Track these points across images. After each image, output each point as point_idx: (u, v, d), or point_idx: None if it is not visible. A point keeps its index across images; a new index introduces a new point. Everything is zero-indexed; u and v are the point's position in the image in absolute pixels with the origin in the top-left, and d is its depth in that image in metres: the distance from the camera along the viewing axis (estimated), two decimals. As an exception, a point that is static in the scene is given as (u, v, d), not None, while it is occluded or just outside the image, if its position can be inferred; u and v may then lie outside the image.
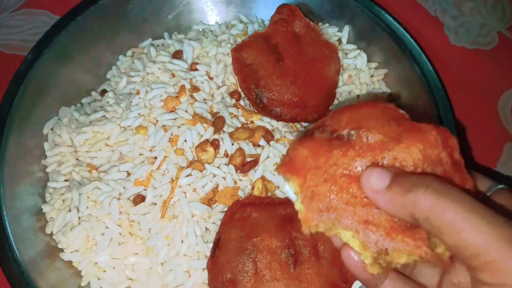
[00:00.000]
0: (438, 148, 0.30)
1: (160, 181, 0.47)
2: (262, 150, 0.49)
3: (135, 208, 0.47)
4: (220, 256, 0.43)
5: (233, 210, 0.45)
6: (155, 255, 0.45)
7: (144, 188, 0.47)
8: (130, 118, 0.50)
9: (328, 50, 0.53)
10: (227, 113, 0.50)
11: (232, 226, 0.44)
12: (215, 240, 0.44)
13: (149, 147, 0.49)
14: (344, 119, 0.33)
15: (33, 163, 0.52)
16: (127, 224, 0.46)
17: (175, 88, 0.52)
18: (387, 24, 0.54)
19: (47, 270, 0.46)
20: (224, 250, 0.43)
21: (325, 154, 0.32)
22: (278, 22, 0.54)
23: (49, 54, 0.53)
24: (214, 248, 0.44)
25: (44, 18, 0.63)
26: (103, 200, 0.46)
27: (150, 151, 0.49)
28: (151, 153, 0.49)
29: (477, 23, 0.64)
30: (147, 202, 0.47)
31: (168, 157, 0.48)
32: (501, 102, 0.58)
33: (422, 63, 0.52)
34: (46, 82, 0.54)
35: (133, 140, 0.50)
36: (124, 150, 0.50)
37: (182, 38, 0.59)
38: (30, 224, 0.48)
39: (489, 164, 0.54)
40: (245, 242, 0.42)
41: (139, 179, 0.47)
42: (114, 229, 0.46)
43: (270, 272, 0.41)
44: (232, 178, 0.47)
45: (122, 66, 0.58)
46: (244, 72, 0.52)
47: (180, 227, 0.45)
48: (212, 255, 0.44)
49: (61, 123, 0.53)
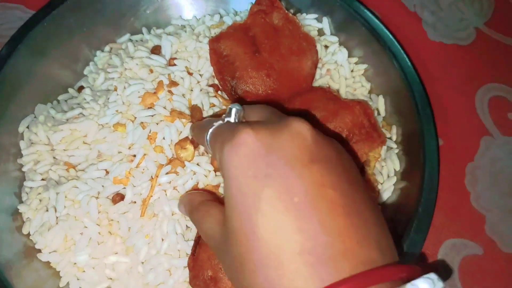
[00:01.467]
0: (360, 116, 0.46)
1: (139, 179, 0.46)
2: None
3: (114, 207, 0.46)
4: (201, 253, 0.43)
5: None
6: (135, 254, 0.45)
7: (123, 186, 0.47)
8: (107, 115, 0.49)
9: (306, 43, 0.53)
10: (206, 102, 0.50)
11: None
12: (195, 238, 0.44)
13: (127, 144, 0.48)
14: (297, 103, 0.48)
15: (8, 162, 0.50)
16: (107, 223, 0.46)
17: (153, 84, 0.51)
18: (366, 20, 0.54)
19: (25, 271, 0.45)
20: (205, 248, 0.43)
21: None
22: (257, 13, 0.54)
23: (24, 49, 0.52)
24: (194, 246, 0.44)
25: (18, 12, 0.61)
26: (81, 199, 0.45)
27: (129, 148, 0.48)
28: (130, 150, 0.48)
29: (455, 18, 0.64)
30: (126, 200, 0.46)
31: (147, 154, 0.47)
32: (478, 96, 0.59)
33: (400, 59, 0.52)
34: (21, 79, 0.52)
35: (111, 137, 0.49)
36: (102, 148, 0.49)
37: (160, 33, 0.58)
38: (7, 225, 0.47)
39: (467, 157, 0.55)
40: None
41: (118, 178, 0.47)
42: (93, 228, 0.45)
43: None
44: (214, 175, 0.47)
45: (99, 62, 0.57)
46: (220, 63, 0.52)
47: (160, 226, 0.45)
48: (193, 253, 0.43)
49: (37, 121, 0.52)
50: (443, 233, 0.51)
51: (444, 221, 0.51)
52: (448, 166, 0.53)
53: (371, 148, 0.48)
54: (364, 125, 0.47)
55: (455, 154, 0.55)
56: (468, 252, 0.50)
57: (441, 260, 0.49)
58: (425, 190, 0.46)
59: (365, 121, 0.47)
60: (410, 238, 0.44)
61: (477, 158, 0.55)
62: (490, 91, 0.59)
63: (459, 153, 0.55)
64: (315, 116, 0.47)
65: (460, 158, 0.55)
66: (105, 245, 0.45)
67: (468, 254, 0.50)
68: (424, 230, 0.45)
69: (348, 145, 0.47)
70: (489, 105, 0.58)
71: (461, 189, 0.53)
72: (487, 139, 0.56)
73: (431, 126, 0.49)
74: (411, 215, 0.45)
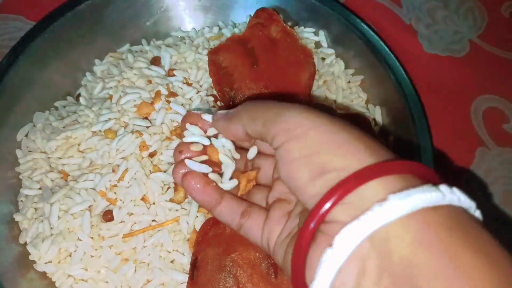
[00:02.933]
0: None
1: (125, 197, 0.46)
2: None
3: (105, 225, 0.45)
4: (200, 276, 0.42)
5: (206, 228, 0.44)
6: (123, 275, 0.44)
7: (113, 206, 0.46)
8: (100, 122, 0.49)
9: (303, 55, 0.54)
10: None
11: (208, 245, 0.43)
12: (191, 262, 0.43)
13: (114, 152, 0.48)
14: None
15: (7, 170, 0.50)
16: (98, 238, 0.45)
17: (151, 94, 0.51)
18: (363, 33, 0.55)
19: (21, 281, 0.45)
20: (203, 270, 0.42)
21: None
22: (255, 26, 0.55)
23: (25, 60, 0.52)
24: (191, 270, 0.43)
25: (18, 23, 0.62)
26: (75, 212, 0.45)
27: (116, 154, 0.48)
28: (116, 159, 0.48)
29: (450, 31, 0.66)
30: (116, 220, 0.45)
31: (133, 168, 0.47)
32: (473, 108, 0.60)
33: (396, 71, 0.53)
34: (21, 88, 0.53)
35: (101, 145, 0.48)
36: (93, 156, 0.48)
37: (160, 44, 0.59)
38: (3, 234, 0.47)
39: (463, 168, 0.56)
40: (223, 259, 0.41)
41: (104, 191, 0.46)
42: (86, 242, 0.45)
43: (253, 285, 0.41)
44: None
45: (98, 71, 0.58)
46: (219, 75, 0.52)
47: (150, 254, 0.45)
48: (191, 277, 0.42)
49: (35, 129, 0.52)
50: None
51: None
52: (444, 176, 0.54)
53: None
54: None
55: (451, 165, 0.55)
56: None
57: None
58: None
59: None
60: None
61: (473, 169, 0.56)
62: (484, 102, 0.60)
63: (455, 164, 0.56)
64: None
65: (456, 168, 0.55)
66: (99, 258, 0.45)
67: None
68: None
69: None
70: (483, 116, 0.59)
71: (457, 199, 0.54)
72: (482, 150, 0.57)
73: (426, 136, 0.50)
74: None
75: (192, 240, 0.45)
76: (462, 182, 0.55)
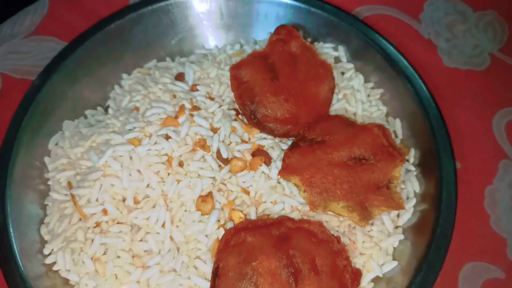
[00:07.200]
0: (380, 137, 0.51)
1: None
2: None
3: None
4: (221, 285, 0.42)
5: (228, 237, 0.45)
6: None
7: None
8: (125, 131, 0.51)
9: (323, 70, 0.55)
10: (227, 126, 0.52)
11: (229, 253, 0.44)
12: (213, 270, 0.44)
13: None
14: (317, 130, 0.51)
15: (37, 177, 0.53)
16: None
17: (175, 108, 0.53)
18: (382, 47, 0.56)
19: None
20: (224, 278, 0.42)
21: (311, 154, 0.49)
22: (275, 42, 0.56)
23: (57, 77, 0.56)
24: (213, 278, 0.43)
25: (52, 44, 0.66)
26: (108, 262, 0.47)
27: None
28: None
29: (470, 45, 0.66)
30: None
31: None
32: (495, 121, 0.59)
33: (415, 84, 0.53)
34: (53, 104, 0.56)
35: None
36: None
37: (184, 61, 0.61)
38: (34, 240, 0.49)
39: (486, 180, 0.55)
40: (244, 267, 0.42)
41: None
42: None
43: None
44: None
45: (126, 85, 0.61)
46: (241, 89, 0.54)
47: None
48: (213, 285, 0.43)
49: (64, 136, 0.55)
50: (464, 256, 0.50)
51: (464, 244, 0.51)
52: (466, 189, 0.53)
53: (393, 166, 0.49)
54: (384, 144, 0.50)
55: (473, 177, 0.55)
56: (489, 275, 0.49)
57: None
58: (443, 211, 0.46)
59: (384, 141, 0.50)
60: (428, 259, 0.44)
61: (496, 181, 0.55)
62: (507, 115, 0.59)
63: (477, 176, 0.55)
64: (338, 140, 0.49)
65: (478, 181, 0.55)
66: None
67: (489, 277, 0.49)
68: (443, 252, 0.45)
69: (374, 164, 0.48)
70: (506, 129, 0.58)
71: (481, 212, 0.53)
72: (505, 163, 0.56)
73: (447, 148, 0.50)
74: (429, 236, 0.46)
75: (214, 249, 0.46)
76: (486, 194, 0.54)
